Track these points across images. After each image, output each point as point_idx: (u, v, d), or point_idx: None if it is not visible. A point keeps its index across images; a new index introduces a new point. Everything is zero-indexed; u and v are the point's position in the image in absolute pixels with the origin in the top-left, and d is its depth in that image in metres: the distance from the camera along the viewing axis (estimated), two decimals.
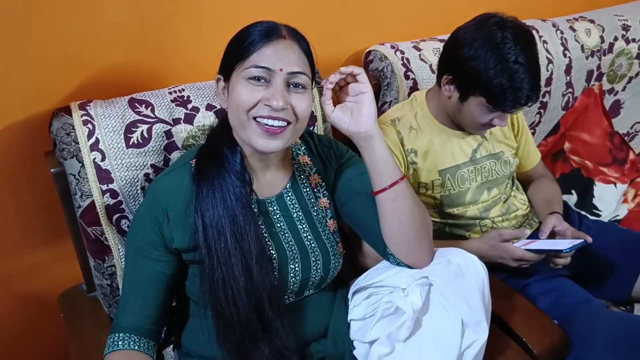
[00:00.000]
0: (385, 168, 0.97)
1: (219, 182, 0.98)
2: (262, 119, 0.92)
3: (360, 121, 0.95)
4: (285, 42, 0.93)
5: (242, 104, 0.92)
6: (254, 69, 0.92)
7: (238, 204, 0.97)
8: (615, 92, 1.86)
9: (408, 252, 1.02)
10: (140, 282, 1.00)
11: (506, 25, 1.20)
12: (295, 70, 0.93)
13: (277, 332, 0.99)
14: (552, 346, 1.13)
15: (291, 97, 0.93)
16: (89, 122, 1.08)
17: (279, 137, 0.94)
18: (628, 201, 1.75)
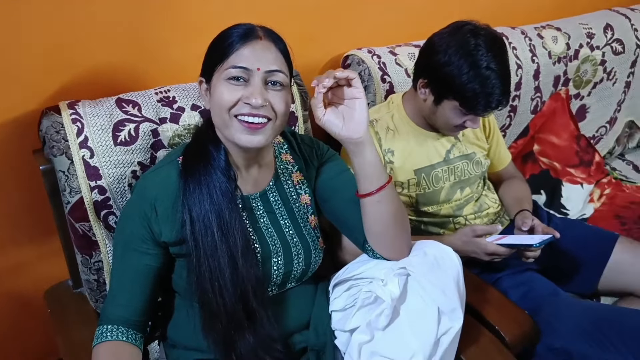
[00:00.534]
0: (374, 172, 1.00)
1: (205, 179, 1.02)
2: (243, 116, 0.96)
3: (352, 127, 0.96)
4: (262, 43, 0.98)
5: (224, 103, 0.96)
6: (233, 69, 0.96)
7: (224, 199, 1.01)
8: (581, 97, 1.95)
9: (387, 247, 1.07)
10: (128, 274, 1.03)
11: (479, 32, 1.27)
12: (272, 69, 0.97)
13: (262, 322, 1.03)
14: (523, 334, 1.19)
15: (270, 95, 0.97)
16: (77, 121, 1.12)
17: (260, 133, 0.98)
18: (594, 201, 1.84)
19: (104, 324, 1.03)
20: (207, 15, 1.34)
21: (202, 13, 1.34)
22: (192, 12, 1.33)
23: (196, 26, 1.34)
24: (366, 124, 0.97)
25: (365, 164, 1.00)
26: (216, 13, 1.36)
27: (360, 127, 0.96)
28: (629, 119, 2.13)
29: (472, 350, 1.12)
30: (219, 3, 1.36)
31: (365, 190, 1.02)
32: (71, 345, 1.16)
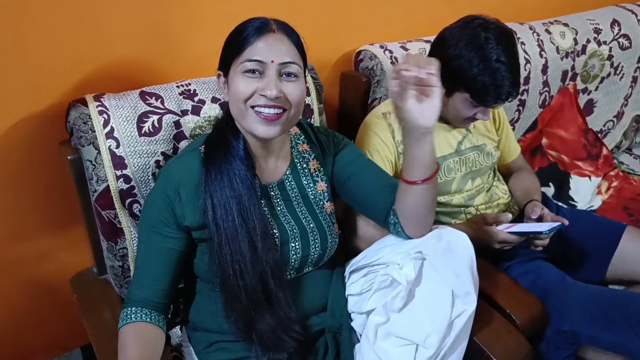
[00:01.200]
0: (429, 161, 1.02)
1: (225, 167, 1.06)
2: (259, 107, 1.01)
3: (428, 115, 0.95)
4: (275, 36, 1.02)
5: (240, 95, 1.01)
6: (248, 62, 1.00)
7: (243, 186, 1.06)
8: (588, 91, 1.99)
9: (415, 226, 1.12)
10: (152, 258, 1.08)
11: (489, 26, 1.31)
12: (286, 61, 1.01)
13: (280, 303, 1.08)
14: (532, 318, 1.23)
15: (284, 86, 1.01)
16: (104, 112, 1.16)
17: (276, 124, 1.02)
18: (602, 193, 1.87)
19: (128, 306, 1.08)
20: (224, 12, 1.39)
21: (219, 10, 1.38)
22: (211, 9, 1.37)
23: (214, 22, 1.38)
24: (438, 114, 0.97)
25: (426, 152, 1.01)
26: (233, 10, 1.39)
27: (434, 115, 0.96)
28: (636, 113, 2.16)
29: (484, 333, 1.16)
30: (235, 2, 1.41)
31: (417, 177, 1.04)
32: (99, 328, 1.21)
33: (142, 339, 1.06)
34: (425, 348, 1.04)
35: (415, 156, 1.03)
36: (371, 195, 1.16)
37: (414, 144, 1.01)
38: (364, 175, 1.18)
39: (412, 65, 0.92)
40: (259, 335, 1.06)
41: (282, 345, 1.08)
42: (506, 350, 1.13)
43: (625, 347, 1.21)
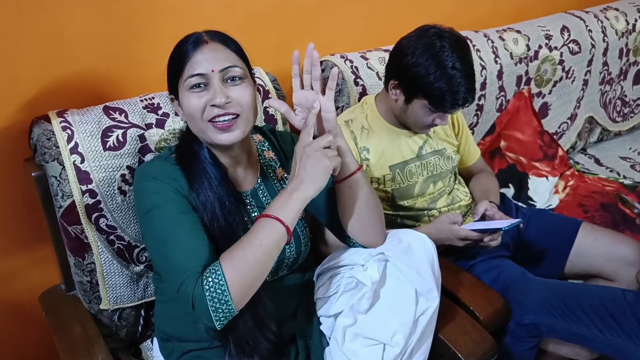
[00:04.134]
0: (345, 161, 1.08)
1: (201, 171, 1.07)
2: (215, 119, 1.02)
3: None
4: (210, 46, 1.03)
5: (193, 111, 1.03)
6: (191, 78, 1.02)
7: (222, 188, 1.07)
8: (542, 95, 2.06)
9: (362, 232, 1.16)
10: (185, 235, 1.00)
11: (444, 35, 1.36)
12: (226, 66, 1.02)
13: (261, 301, 1.07)
14: (495, 312, 1.28)
15: (231, 91, 1.03)
16: (67, 128, 1.17)
17: (234, 129, 1.04)
18: (559, 192, 1.95)
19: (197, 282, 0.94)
20: (186, 28, 1.40)
21: (182, 26, 1.40)
22: (173, 25, 1.39)
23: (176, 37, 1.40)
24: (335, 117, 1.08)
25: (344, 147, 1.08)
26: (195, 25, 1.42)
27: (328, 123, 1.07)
28: (588, 114, 2.25)
29: (449, 329, 1.20)
30: (198, 16, 1.43)
31: (339, 177, 1.10)
32: (69, 343, 1.20)
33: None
34: (392, 347, 1.08)
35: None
36: (331, 211, 1.19)
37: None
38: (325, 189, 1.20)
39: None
40: (237, 336, 1.06)
41: (257, 347, 1.08)
42: (471, 344, 1.17)
43: (582, 337, 1.26)
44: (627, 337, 1.20)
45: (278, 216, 0.97)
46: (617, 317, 1.22)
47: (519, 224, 1.38)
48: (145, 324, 1.37)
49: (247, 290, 0.96)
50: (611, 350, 1.24)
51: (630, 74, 2.34)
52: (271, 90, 1.43)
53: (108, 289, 1.27)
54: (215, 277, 0.94)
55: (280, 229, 0.97)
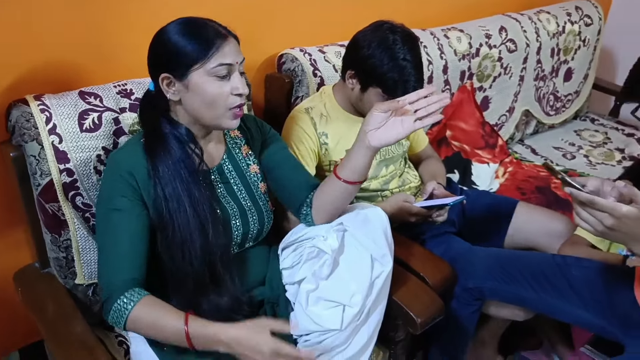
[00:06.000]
0: (360, 169, 1.22)
1: (169, 159, 1.15)
2: (235, 109, 1.14)
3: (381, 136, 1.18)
4: (230, 39, 1.14)
5: (216, 98, 1.12)
6: (220, 67, 1.10)
7: (191, 178, 1.16)
8: (484, 89, 2.24)
9: (325, 217, 1.29)
10: (126, 239, 1.11)
11: (396, 30, 1.49)
12: (242, 60, 1.15)
13: (226, 284, 1.19)
14: (443, 278, 1.42)
15: (242, 82, 1.15)
16: (45, 110, 1.23)
17: (240, 116, 1.18)
18: (499, 177, 2.13)
19: (118, 294, 1.07)
20: (156, 21, 1.47)
21: (151, 19, 1.47)
22: (143, 18, 1.47)
23: (146, 30, 1.47)
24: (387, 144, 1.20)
25: (360, 162, 1.21)
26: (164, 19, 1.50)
27: (383, 143, 1.19)
28: (524, 108, 2.45)
29: (402, 293, 1.33)
30: (166, 10, 1.50)
31: (345, 176, 1.22)
32: (45, 316, 1.26)
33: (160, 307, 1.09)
34: (351, 307, 1.19)
35: (353, 159, 1.22)
36: (290, 188, 1.31)
37: (357, 149, 1.21)
38: (286, 168, 1.33)
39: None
40: (204, 315, 1.13)
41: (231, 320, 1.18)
42: (422, 306, 1.31)
43: (521, 297, 1.42)
44: (558, 295, 1.36)
45: (192, 341, 1.05)
46: (550, 278, 1.38)
47: (462, 201, 1.54)
48: None
49: (138, 333, 1.13)
50: (545, 307, 1.41)
51: (561, 72, 2.57)
52: None
53: (83, 264, 1.34)
54: (125, 306, 1.07)
55: (185, 345, 1.06)
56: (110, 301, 1.08)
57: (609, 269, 1.35)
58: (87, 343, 1.19)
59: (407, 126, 1.17)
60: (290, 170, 1.34)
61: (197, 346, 1.06)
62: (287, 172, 1.33)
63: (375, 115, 1.19)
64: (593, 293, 1.32)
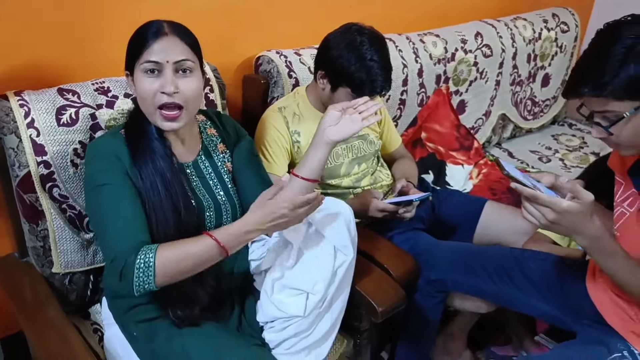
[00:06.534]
0: (317, 167, 1.34)
1: (146, 146, 1.22)
2: (163, 109, 1.18)
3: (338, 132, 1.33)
4: (169, 38, 1.18)
5: (144, 94, 1.18)
6: (147, 63, 1.17)
7: (164, 162, 1.22)
8: (460, 93, 2.31)
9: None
10: (127, 207, 1.16)
11: (364, 32, 1.56)
12: (179, 59, 1.18)
13: None
14: (407, 271, 1.48)
15: (180, 81, 1.18)
16: (24, 105, 1.29)
17: (176, 120, 1.20)
18: (473, 178, 2.19)
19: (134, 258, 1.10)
20: (134, 21, 1.54)
21: (130, 19, 1.54)
22: (122, 18, 1.53)
23: (124, 31, 1.54)
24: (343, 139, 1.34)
25: (317, 159, 1.34)
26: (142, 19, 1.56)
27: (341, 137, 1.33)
28: (501, 112, 2.51)
29: (365, 282, 1.39)
30: (145, 10, 1.57)
31: (307, 175, 1.34)
32: (24, 303, 1.32)
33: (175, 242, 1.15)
34: (313, 294, 1.25)
35: (311, 156, 1.34)
36: (250, 192, 1.36)
37: (315, 146, 1.34)
38: (248, 175, 1.40)
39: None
40: (179, 290, 1.21)
41: (197, 299, 1.25)
42: (383, 295, 1.36)
43: (481, 289, 1.48)
44: (515, 287, 1.42)
45: (222, 242, 1.14)
46: (508, 270, 1.44)
47: (428, 197, 1.60)
48: (94, 289, 1.49)
49: (170, 280, 1.14)
50: (504, 299, 1.46)
51: (538, 77, 2.64)
52: (212, 78, 1.59)
53: (60, 254, 1.39)
54: (147, 260, 1.10)
55: (220, 255, 1.15)
56: (129, 266, 1.10)
57: (564, 262, 1.41)
58: (60, 327, 1.25)
59: (357, 124, 1.34)
60: (251, 176, 1.40)
61: (231, 250, 1.15)
62: (248, 178, 1.40)
63: (332, 113, 1.34)
64: (548, 284, 1.38)
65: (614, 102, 1.05)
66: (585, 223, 1.06)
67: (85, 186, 1.24)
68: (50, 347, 1.20)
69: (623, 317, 1.21)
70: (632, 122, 1.06)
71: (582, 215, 1.05)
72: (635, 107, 1.04)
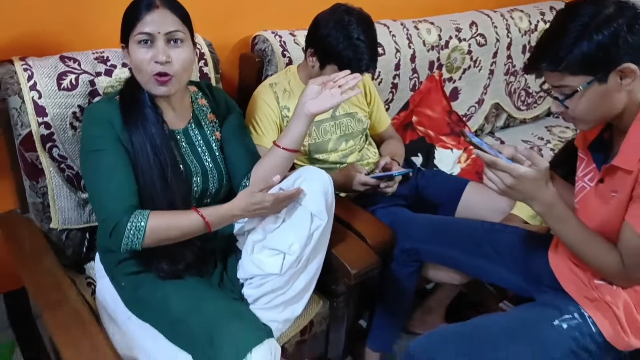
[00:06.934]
0: (297, 138, 1.42)
1: (138, 113, 1.31)
2: (156, 76, 1.28)
3: (318, 105, 1.39)
4: (160, 11, 1.27)
5: (139, 63, 1.27)
6: (140, 35, 1.26)
7: (154, 128, 1.32)
8: (453, 80, 2.37)
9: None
10: (119, 171, 1.27)
11: (352, 12, 1.63)
12: (170, 30, 1.27)
13: None
14: (383, 240, 1.55)
15: (172, 51, 1.28)
16: (28, 70, 1.39)
17: (168, 84, 1.29)
18: (461, 162, 2.25)
19: (126, 218, 1.22)
20: None
21: None
22: None
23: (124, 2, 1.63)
24: (323, 111, 1.41)
25: (298, 131, 1.41)
26: None
27: (321, 109, 1.40)
28: (494, 101, 2.57)
29: (340, 246, 1.47)
30: None
31: (288, 146, 1.42)
32: (22, 255, 1.42)
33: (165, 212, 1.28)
34: (290, 255, 1.33)
35: (292, 128, 1.42)
36: (236, 161, 1.48)
37: (296, 118, 1.42)
38: (235, 145, 1.49)
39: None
40: (166, 248, 1.30)
41: (183, 257, 1.35)
42: (357, 258, 1.44)
43: (453, 258, 1.56)
44: (483, 257, 1.49)
45: (209, 221, 1.28)
46: (478, 241, 1.51)
47: (408, 173, 1.68)
48: (89, 246, 1.59)
49: (155, 244, 1.27)
50: (473, 269, 1.54)
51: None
52: (206, 53, 1.68)
53: (58, 211, 1.50)
54: (138, 223, 1.23)
55: (204, 229, 1.29)
56: (121, 226, 1.22)
57: (530, 236, 1.48)
58: (56, 275, 1.35)
59: (336, 98, 1.40)
60: (237, 146, 1.50)
61: (214, 227, 1.30)
62: (234, 147, 1.49)
63: (312, 87, 1.41)
64: (514, 255, 1.45)
65: (569, 77, 1.12)
66: (541, 189, 1.13)
67: (82, 149, 1.34)
68: (46, 293, 1.30)
69: (578, 284, 1.28)
70: (586, 96, 1.12)
71: (538, 181, 1.12)
72: (588, 82, 1.11)
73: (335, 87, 1.41)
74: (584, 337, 1.20)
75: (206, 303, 1.28)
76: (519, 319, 1.27)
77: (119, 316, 1.38)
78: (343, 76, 1.43)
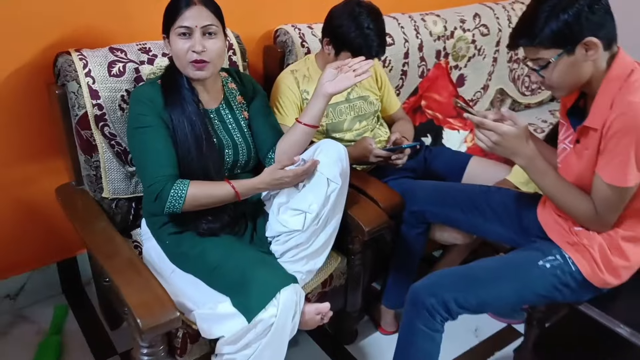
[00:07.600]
0: (316, 115, 1.62)
1: (178, 94, 1.53)
2: (193, 63, 1.49)
3: (334, 86, 1.60)
4: (197, 7, 1.49)
5: (179, 52, 1.49)
6: (180, 28, 1.48)
7: (191, 108, 1.53)
8: (459, 68, 2.56)
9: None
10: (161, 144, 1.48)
11: (362, 4, 1.84)
12: (205, 24, 1.49)
13: None
14: (393, 203, 1.75)
15: (207, 42, 1.50)
16: (83, 59, 1.62)
17: (204, 70, 1.51)
18: (467, 142, 2.43)
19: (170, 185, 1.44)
20: None
21: None
22: None
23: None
24: (339, 92, 1.63)
25: (317, 108, 1.62)
26: None
27: (337, 90, 1.60)
28: (498, 87, 2.75)
29: (355, 208, 1.67)
30: None
31: (308, 122, 1.62)
32: (79, 219, 1.63)
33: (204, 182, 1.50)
34: (310, 213, 1.53)
35: (312, 106, 1.62)
36: (262, 137, 1.69)
37: (315, 98, 1.62)
38: (260, 121, 1.70)
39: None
40: (204, 210, 1.52)
41: (218, 218, 1.56)
42: (370, 218, 1.65)
43: (454, 218, 1.75)
44: (480, 215, 1.68)
45: (238, 191, 1.51)
46: (475, 202, 1.70)
47: (416, 145, 1.87)
48: (135, 215, 1.81)
49: (192, 209, 1.49)
50: (472, 227, 1.73)
51: None
52: (235, 44, 1.90)
53: (108, 182, 1.72)
54: (180, 191, 1.45)
55: (234, 198, 1.52)
56: (165, 191, 1.44)
57: (522, 196, 1.67)
58: (110, 233, 1.56)
59: (351, 80, 1.60)
60: (263, 124, 1.71)
61: (243, 197, 1.53)
62: (260, 124, 1.70)
63: (329, 71, 1.61)
64: (507, 212, 1.64)
65: (543, 50, 1.30)
66: (522, 144, 1.32)
67: (129, 126, 1.56)
68: (103, 246, 1.51)
69: (560, 232, 1.46)
70: (558, 66, 1.31)
71: (519, 137, 1.31)
72: (559, 54, 1.29)
73: (350, 70, 1.61)
74: (564, 274, 1.38)
75: (239, 254, 1.49)
76: (509, 260, 1.46)
77: (165, 271, 1.59)
78: (357, 62, 1.62)
